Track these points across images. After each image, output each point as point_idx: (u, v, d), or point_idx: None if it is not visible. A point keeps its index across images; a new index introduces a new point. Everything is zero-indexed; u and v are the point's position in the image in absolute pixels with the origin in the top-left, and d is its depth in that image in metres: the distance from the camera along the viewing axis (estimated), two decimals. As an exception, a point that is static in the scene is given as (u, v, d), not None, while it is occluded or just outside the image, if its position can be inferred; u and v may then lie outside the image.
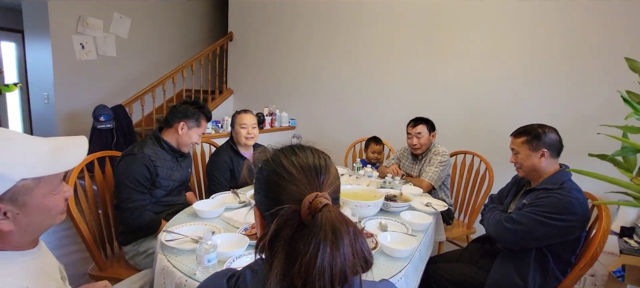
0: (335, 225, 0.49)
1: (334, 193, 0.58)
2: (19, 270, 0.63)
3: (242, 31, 4.48)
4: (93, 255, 1.52)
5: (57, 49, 3.68)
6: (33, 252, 0.69)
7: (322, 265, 0.47)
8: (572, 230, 1.25)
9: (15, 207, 0.61)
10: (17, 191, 0.60)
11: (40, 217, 0.65)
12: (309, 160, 0.58)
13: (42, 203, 0.64)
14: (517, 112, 2.65)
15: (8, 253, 0.63)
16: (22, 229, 0.63)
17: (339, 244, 0.48)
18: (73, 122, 3.85)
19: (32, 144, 0.64)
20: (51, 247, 2.54)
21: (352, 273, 0.49)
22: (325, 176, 0.57)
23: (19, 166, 0.60)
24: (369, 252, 0.52)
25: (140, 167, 1.48)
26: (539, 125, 1.42)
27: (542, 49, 2.57)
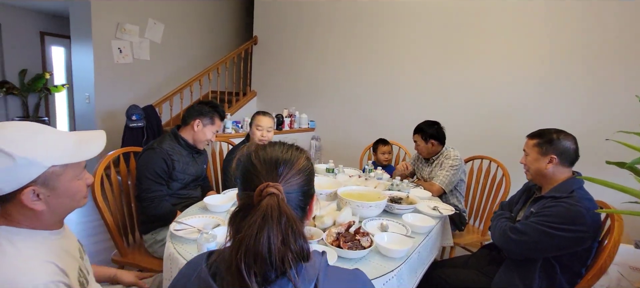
0: (268, 212, 0.54)
1: (294, 186, 0.63)
2: (46, 247, 0.73)
3: (266, 35, 4.63)
4: (116, 242, 1.66)
5: (98, 53, 4.00)
6: (59, 232, 0.79)
7: (249, 245, 0.53)
8: (581, 241, 1.20)
9: (47, 189, 0.71)
10: (48, 176, 0.70)
11: (66, 200, 0.75)
12: (273, 154, 0.65)
13: (69, 187, 0.74)
14: (535, 117, 2.56)
15: (39, 232, 0.74)
16: (51, 210, 0.73)
17: (265, 229, 0.53)
18: (110, 120, 4.16)
19: (60, 137, 0.75)
20: (84, 234, 2.78)
21: (280, 261, 0.54)
22: (285, 169, 0.63)
23: (49, 154, 0.70)
24: (307, 250, 0.58)
25: (158, 161, 1.61)
26: (556, 131, 1.37)
27: (562, 52, 2.48)
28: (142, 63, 4.41)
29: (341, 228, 1.22)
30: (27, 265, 0.67)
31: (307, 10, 4.14)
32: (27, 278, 0.64)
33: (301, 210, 0.66)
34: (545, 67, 2.55)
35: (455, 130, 3.02)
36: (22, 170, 0.67)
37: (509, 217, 1.45)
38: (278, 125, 3.56)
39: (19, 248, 0.68)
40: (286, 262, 0.55)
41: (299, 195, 0.65)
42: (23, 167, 0.67)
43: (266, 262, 0.54)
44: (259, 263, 0.53)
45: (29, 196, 0.69)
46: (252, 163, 0.64)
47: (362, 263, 1.10)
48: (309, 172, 0.68)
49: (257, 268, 0.53)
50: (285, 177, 0.62)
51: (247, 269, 0.53)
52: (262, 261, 0.53)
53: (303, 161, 0.67)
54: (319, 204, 1.42)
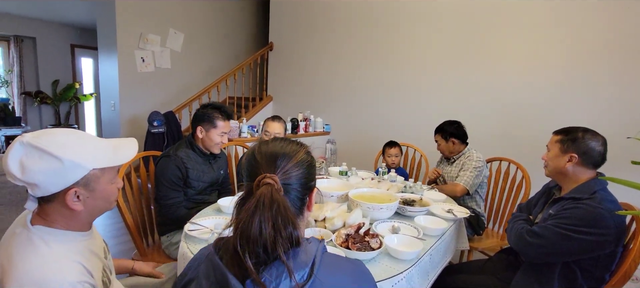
0: (261, 200, 0.59)
1: (292, 178, 0.68)
2: (76, 248, 0.77)
3: (282, 41, 4.70)
4: (136, 243, 1.73)
5: (122, 62, 4.20)
6: (88, 234, 0.84)
7: (244, 228, 0.58)
8: (603, 245, 1.13)
9: (87, 191, 0.76)
10: (89, 178, 0.76)
11: (101, 202, 0.80)
12: (274, 149, 0.70)
13: (105, 190, 0.80)
14: (558, 118, 2.45)
15: (70, 233, 0.78)
16: (87, 211, 0.79)
17: (257, 214, 0.58)
18: (133, 126, 4.34)
19: (100, 143, 0.81)
20: (108, 235, 2.91)
21: (272, 243, 0.59)
22: (283, 161, 0.68)
23: (92, 159, 0.76)
24: (296, 237, 0.62)
25: (173, 168, 1.65)
26: (584, 130, 1.29)
27: (586, 50, 2.38)
28: (163, 71, 4.58)
29: (351, 229, 1.22)
30: (58, 265, 0.71)
31: (321, 16, 4.17)
32: (58, 278, 0.69)
33: (300, 201, 0.71)
34: (567, 66, 2.46)
35: (475, 131, 2.95)
36: (69, 172, 0.72)
37: (526, 219, 1.40)
38: (293, 129, 3.59)
39: (52, 248, 0.73)
40: (278, 245, 0.59)
41: (298, 186, 0.69)
42: (69, 169, 0.72)
43: (258, 244, 0.58)
44: (251, 244, 0.58)
45: (71, 197, 0.74)
46: (255, 156, 0.70)
47: (371, 265, 1.10)
48: (308, 165, 0.72)
49: (249, 248, 0.58)
50: (283, 169, 0.67)
51: (242, 249, 0.58)
52: (255, 243, 0.58)
53: (302, 155, 0.71)
54: (330, 206, 1.42)
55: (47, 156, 0.70)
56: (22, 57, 5.77)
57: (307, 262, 0.62)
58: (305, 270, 0.61)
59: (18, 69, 5.72)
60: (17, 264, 0.69)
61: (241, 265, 0.59)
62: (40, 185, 0.71)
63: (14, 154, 0.70)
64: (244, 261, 0.58)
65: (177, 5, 4.54)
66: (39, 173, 0.70)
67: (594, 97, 2.36)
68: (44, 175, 0.70)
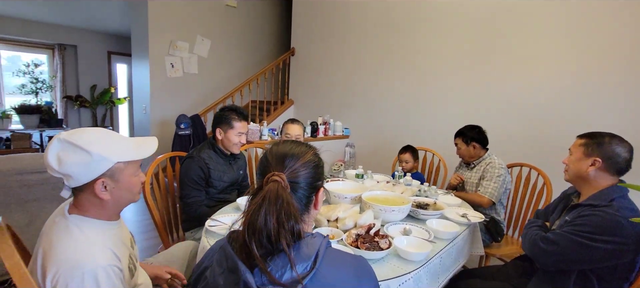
0: (267, 195, 0.65)
1: (300, 177, 0.74)
2: (106, 235, 0.88)
3: (303, 46, 4.80)
4: (162, 238, 1.85)
5: (153, 68, 4.45)
6: (116, 223, 0.94)
7: (251, 219, 0.65)
8: (620, 254, 1.10)
9: (112, 181, 0.87)
10: (114, 170, 0.86)
11: (125, 192, 0.90)
12: (283, 150, 0.76)
13: (128, 181, 0.90)
14: (584, 123, 2.35)
15: (101, 221, 0.89)
16: (113, 200, 0.89)
17: (263, 207, 0.64)
18: (162, 128, 4.58)
19: (124, 139, 0.92)
20: (137, 231, 3.09)
21: (276, 235, 0.64)
22: (291, 161, 0.74)
23: (116, 153, 0.86)
24: (298, 230, 0.68)
25: (196, 169, 1.76)
26: (611, 135, 1.25)
27: (614, 54, 2.28)
28: (190, 76, 4.80)
29: (361, 230, 1.26)
30: (91, 249, 0.81)
31: (341, 22, 4.23)
32: (90, 260, 0.79)
33: (307, 199, 0.76)
34: (590, 69, 2.37)
35: (496, 136, 2.89)
36: (96, 164, 0.83)
37: (540, 226, 1.37)
38: (312, 132, 3.66)
39: (85, 233, 0.83)
40: (281, 237, 0.64)
41: (305, 185, 0.75)
42: (97, 162, 0.83)
43: (263, 234, 0.64)
44: (257, 234, 0.64)
45: (99, 187, 0.85)
46: (267, 156, 0.77)
47: (379, 264, 1.13)
48: (315, 165, 0.77)
49: (255, 238, 0.64)
50: (291, 168, 0.73)
51: (249, 238, 0.65)
52: (260, 233, 0.64)
53: (309, 156, 0.77)
54: (342, 207, 1.47)
55: (79, 150, 0.81)
56: (64, 64, 6.24)
57: (311, 255, 0.67)
58: (308, 262, 0.66)
59: (61, 74, 6.19)
60: (56, 248, 0.79)
61: (249, 254, 0.65)
62: (73, 176, 0.82)
63: (52, 149, 0.82)
64: (251, 249, 0.64)
65: (205, 14, 4.76)
66: (72, 165, 0.81)
67: (620, 101, 2.25)
68: (77, 167, 0.81)
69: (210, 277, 0.72)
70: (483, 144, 2.11)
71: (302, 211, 0.76)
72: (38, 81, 5.94)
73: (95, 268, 0.78)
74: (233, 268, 0.66)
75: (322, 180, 0.81)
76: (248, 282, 0.63)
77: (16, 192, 2.01)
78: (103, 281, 0.78)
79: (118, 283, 0.83)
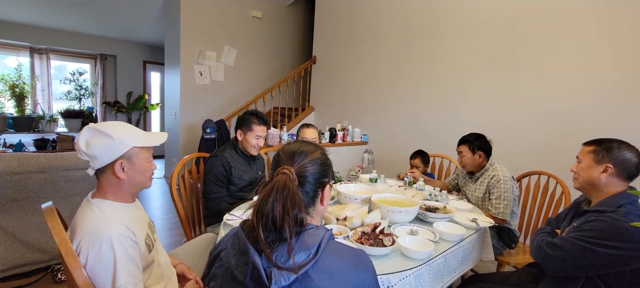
0: (276, 185, 0.73)
1: (307, 172, 0.82)
2: (122, 214, 1.03)
3: (325, 55, 4.93)
4: (185, 232, 1.99)
5: (183, 76, 4.73)
6: (132, 206, 1.10)
7: (260, 205, 0.73)
8: (626, 260, 1.09)
9: (129, 163, 1.03)
10: (131, 153, 1.03)
11: (139, 175, 1.06)
12: (294, 148, 0.85)
13: (142, 165, 1.06)
14: (604, 132, 2.29)
15: (118, 203, 1.05)
16: (129, 180, 1.04)
17: (270, 196, 0.72)
18: (191, 132, 4.85)
19: (138, 130, 1.08)
20: (164, 227, 3.31)
21: (281, 223, 0.71)
22: (300, 157, 0.82)
23: (133, 138, 1.03)
24: (301, 218, 0.74)
25: (219, 167, 1.91)
26: (618, 141, 1.25)
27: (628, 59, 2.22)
28: (217, 84, 5.05)
29: (368, 228, 1.33)
30: (108, 222, 0.97)
31: (362, 32, 4.32)
32: (107, 230, 0.95)
33: (313, 193, 0.83)
34: (612, 78, 2.31)
35: (515, 142, 2.85)
36: (117, 147, 1.00)
37: (549, 232, 1.37)
38: (331, 138, 3.75)
39: (104, 212, 1.00)
40: (285, 223, 0.72)
41: (312, 180, 0.83)
42: (117, 144, 1.00)
43: (269, 219, 0.72)
44: (264, 219, 0.72)
45: (118, 167, 1.01)
46: (279, 153, 0.86)
47: (383, 260, 1.19)
48: (322, 163, 0.85)
49: (263, 222, 0.73)
50: (299, 164, 0.81)
51: (257, 222, 0.73)
52: (266, 218, 0.72)
53: (317, 154, 0.85)
54: (351, 207, 1.54)
55: (103, 135, 0.99)
56: (105, 72, 6.75)
57: (314, 244, 0.73)
58: (311, 251, 0.72)
59: (101, 82, 6.70)
60: (81, 224, 0.96)
61: (255, 235, 0.74)
62: (98, 157, 0.99)
63: (83, 135, 1.00)
64: (258, 233, 0.72)
65: (232, 25, 5.02)
66: (97, 146, 0.98)
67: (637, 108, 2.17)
68: (101, 148, 0.98)
69: (224, 258, 0.82)
70: (488, 154, 2.03)
71: (308, 204, 0.83)
72: (81, 88, 6.46)
73: (111, 236, 0.94)
74: (244, 251, 0.75)
75: (329, 178, 0.88)
76: (256, 263, 0.71)
77: (62, 187, 2.24)
78: (118, 247, 0.94)
79: (132, 252, 0.97)
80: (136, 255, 0.99)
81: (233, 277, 0.75)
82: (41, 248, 2.20)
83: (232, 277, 0.75)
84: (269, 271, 0.70)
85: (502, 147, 2.82)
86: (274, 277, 0.69)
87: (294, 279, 0.69)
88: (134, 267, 0.97)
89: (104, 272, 0.92)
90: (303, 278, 0.70)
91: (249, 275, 0.72)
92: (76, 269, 0.87)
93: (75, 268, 0.87)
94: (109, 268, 0.92)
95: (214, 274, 0.83)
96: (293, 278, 0.69)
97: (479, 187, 2.05)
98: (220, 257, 0.84)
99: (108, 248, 0.92)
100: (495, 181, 1.94)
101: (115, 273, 0.93)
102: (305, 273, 0.70)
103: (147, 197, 4.31)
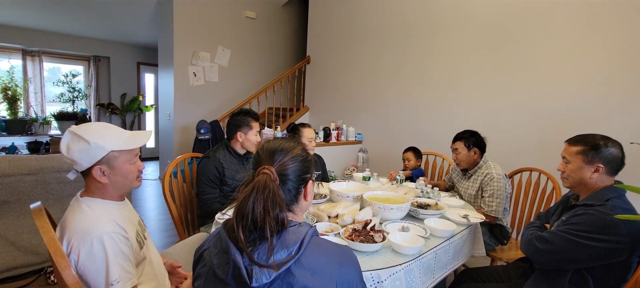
0: (256, 185, 0.72)
1: (288, 170, 0.80)
2: (111, 211, 1.02)
3: (318, 55, 4.94)
4: (179, 232, 1.99)
5: (177, 77, 4.72)
6: (121, 204, 1.09)
7: (240, 206, 0.71)
8: (614, 253, 1.11)
9: (108, 167, 1.01)
10: (109, 157, 1.00)
11: (121, 178, 1.04)
12: (273, 146, 0.83)
13: (123, 168, 1.04)
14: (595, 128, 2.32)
15: (107, 201, 1.04)
16: (112, 184, 1.03)
17: (251, 196, 0.71)
18: (185, 133, 4.83)
19: (120, 132, 1.06)
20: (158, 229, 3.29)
21: (262, 224, 0.70)
22: (280, 155, 0.81)
23: (110, 142, 1.00)
24: (282, 219, 0.73)
25: (211, 168, 1.90)
26: (601, 137, 1.27)
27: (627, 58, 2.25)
28: (211, 84, 5.05)
29: (359, 225, 1.34)
30: (98, 219, 0.96)
31: (355, 31, 4.34)
32: (97, 227, 0.94)
33: (296, 190, 0.82)
34: (602, 75, 2.35)
35: (509, 140, 2.88)
36: (93, 152, 0.98)
37: (538, 226, 1.39)
38: (325, 137, 3.76)
39: (93, 209, 0.99)
40: (266, 223, 0.70)
41: (294, 177, 0.81)
42: (94, 150, 0.98)
43: (249, 220, 0.71)
44: (245, 220, 0.71)
45: (97, 172, 1.00)
46: (259, 152, 0.84)
47: (373, 256, 1.20)
48: (303, 159, 0.84)
49: (243, 223, 0.71)
50: (280, 162, 0.80)
51: (237, 224, 0.72)
52: (247, 219, 0.71)
53: (297, 151, 0.84)
54: (343, 204, 1.55)
55: (80, 140, 0.97)
56: (98, 74, 6.70)
57: (296, 241, 0.73)
58: (293, 247, 0.72)
59: (95, 84, 6.66)
60: (71, 222, 0.96)
61: (235, 235, 0.72)
62: (78, 161, 0.98)
63: (64, 139, 0.99)
64: (237, 233, 0.71)
65: (226, 25, 5.01)
66: (76, 152, 0.97)
67: (634, 105, 2.21)
68: (79, 154, 0.97)
69: (207, 256, 0.81)
70: (482, 149, 2.04)
71: (291, 201, 0.82)
72: (75, 90, 6.41)
73: (101, 234, 0.93)
74: (225, 249, 0.74)
75: (311, 174, 0.87)
76: (237, 261, 0.70)
77: (54, 188, 2.23)
78: (108, 244, 0.93)
79: (123, 248, 0.97)
80: (128, 250, 0.99)
81: (215, 276, 0.75)
82: (34, 250, 2.18)
83: (215, 276, 0.75)
84: (250, 269, 0.69)
85: (494, 145, 2.84)
86: (255, 274, 0.68)
87: (276, 276, 0.69)
88: (127, 262, 0.98)
89: (96, 269, 0.92)
90: (285, 275, 0.70)
91: (230, 273, 0.71)
92: (65, 268, 0.87)
93: (64, 267, 0.87)
94: (101, 265, 0.92)
95: (198, 274, 0.83)
96: (274, 276, 0.69)
97: (472, 184, 2.06)
98: (204, 257, 0.83)
99: (99, 246, 0.92)
100: (489, 179, 1.95)
101: (108, 270, 0.93)
102: (288, 270, 0.70)
103: (141, 199, 4.29)
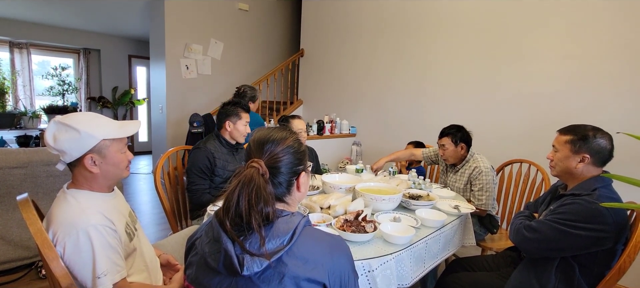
0: (242, 179, 0.72)
1: (279, 161, 0.79)
2: (98, 203, 1.01)
3: (312, 47, 4.91)
4: (171, 225, 1.98)
5: (169, 70, 4.66)
6: (110, 195, 1.07)
7: (226, 199, 0.71)
8: (600, 241, 1.14)
9: (100, 156, 1.00)
10: (101, 146, 0.99)
11: (112, 167, 1.03)
12: (263, 136, 0.82)
13: (114, 157, 1.03)
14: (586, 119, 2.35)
15: (94, 193, 1.03)
16: (102, 174, 1.02)
17: (237, 190, 0.71)
18: (178, 127, 4.79)
19: (109, 121, 1.04)
20: (151, 222, 3.28)
21: (248, 218, 0.70)
22: (271, 146, 0.79)
23: (101, 131, 0.99)
24: (267, 213, 0.73)
25: (203, 158, 1.89)
26: (592, 127, 1.28)
27: (616, 49, 2.27)
28: (204, 77, 4.99)
29: (351, 216, 1.34)
30: (84, 212, 0.95)
31: (349, 24, 4.32)
32: (82, 220, 0.93)
33: (287, 182, 0.81)
34: (592, 66, 2.39)
35: (500, 132, 2.91)
36: (85, 141, 0.96)
37: (527, 216, 1.42)
38: (319, 130, 3.75)
39: (80, 202, 0.98)
40: (252, 217, 0.70)
41: (286, 170, 0.80)
42: (85, 139, 0.96)
43: (235, 214, 0.71)
44: (231, 213, 0.71)
45: (89, 161, 0.98)
46: (250, 144, 0.83)
47: (365, 246, 1.21)
48: (295, 151, 0.82)
49: (229, 217, 0.72)
50: (271, 153, 0.79)
51: (224, 216, 0.72)
52: (233, 212, 0.71)
53: (290, 141, 0.82)
54: (335, 195, 1.55)
55: (70, 129, 0.95)
56: (89, 67, 6.59)
57: (288, 231, 0.73)
58: (285, 237, 0.72)
59: (85, 77, 6.55)
60: (57, 214, 0.95)
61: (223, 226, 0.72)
62: (66, 152, 0.96)
63: (49, 129, 0.97)
64: (225, 225, 0.71)
65: (218, 17, 4.95)
66: (65, 142, 0.95)
67: (622, 96, 2.24)
68: (68, 143, 0.95)
69: (198, 246, 0.81)
70: (469, 144, 2.04)
71: (283, 193, 0.81)
72: (65, 83, 6.31)
73: (87, 226, 0.92)
74: (217, 238, 0.74)
75: (305, 165, 0.86)
76: (228, 250, 0.70)
77: (44, 182, 2.20)
78: (95, 236, 0.92)
79: (111, 240, 0.96)
80: (116, 243, 0.98)
81: (207, 264, 0.75)
82: (24, 244, 2.16)
83: (206, 265, 0.75)
84: (241, 258, 0.69)
85: (484, 137, 2.87)
86: (247, 263, 0.68)
87: (267, 265, 0.69)
88: (115, 255, 0.97)
89: (83, 262, 0.92)
90: (277, 264, 0.70)
91: (221, 262, 0.71)
92: (53, 260, 0.86)
93: (51, 258, 0.86)
94: (87, 258, 0.92)
95: (190, 262, 0.82)
96: (266, 265, 0.69)
97: (459, 177, 2.07)
98: (196, 245, 0.83)
99: (85, 238, 0.91)
100: (477, 173, 1.96)
101: (95, 262, 0.92)
102: (279, 259, 0.70)
103: (134, 192, 4.26)
